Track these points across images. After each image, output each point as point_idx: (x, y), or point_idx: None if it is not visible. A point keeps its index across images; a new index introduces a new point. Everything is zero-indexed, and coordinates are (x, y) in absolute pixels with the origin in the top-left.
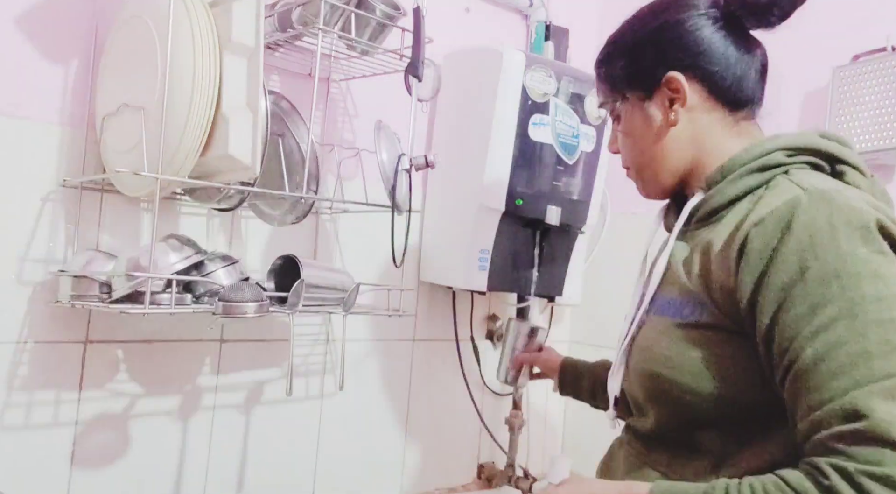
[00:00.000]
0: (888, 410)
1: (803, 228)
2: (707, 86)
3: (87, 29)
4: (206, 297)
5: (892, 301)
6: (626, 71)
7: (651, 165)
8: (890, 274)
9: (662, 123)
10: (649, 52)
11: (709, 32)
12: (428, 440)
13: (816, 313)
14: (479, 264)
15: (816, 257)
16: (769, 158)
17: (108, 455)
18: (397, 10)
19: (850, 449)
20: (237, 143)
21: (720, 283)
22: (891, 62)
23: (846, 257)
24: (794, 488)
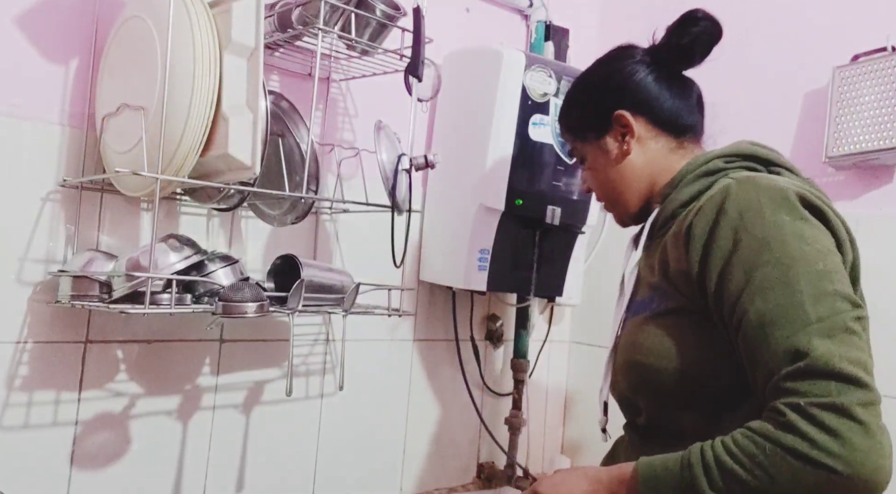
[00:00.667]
0: (826, 346)
1: (734, 207)
2: (650, 118)
3: (87, 29)
4: (206, 297)
5: (815, 256)
6: (582, 117)
7: (617, 193)
8: (811, 235)
9: (619, 154)
10: (599, 97)
11: (643, 75)
12: (428, 440)
13: (752, 277)
14: (479, 264)
15: (747, 230)
16: (710, 165)
17: (108, 455)
18: (397, 10)
19: (798, 386)
20: (237, 143)
21: (676, 268)
22: (891, 62)
23: (772, 225)
24: (757, 431)
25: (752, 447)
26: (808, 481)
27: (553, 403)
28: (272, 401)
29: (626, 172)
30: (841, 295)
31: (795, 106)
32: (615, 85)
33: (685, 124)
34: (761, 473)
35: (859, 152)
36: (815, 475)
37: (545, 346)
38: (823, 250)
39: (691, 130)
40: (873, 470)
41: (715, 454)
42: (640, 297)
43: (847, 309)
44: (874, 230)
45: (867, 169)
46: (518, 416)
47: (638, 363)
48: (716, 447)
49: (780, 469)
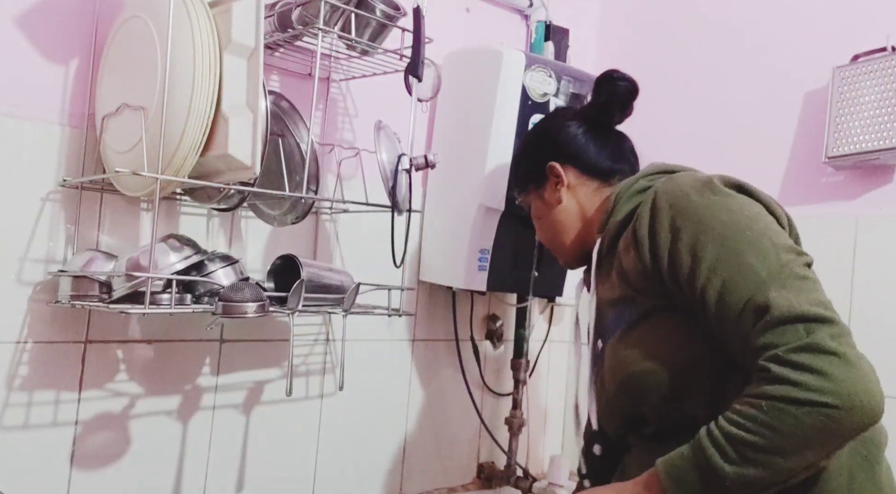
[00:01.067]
0: (783, 295)
1: (664, 202)
2: (578, 166)
3: (87, 29)
4: (206, 297)
5: (747, 221)
6: (524, 171)
7: (556, 237)
8: (738, 205)
9: (553, 201)
10: (535, 151)
11: (573, 130)
12: (428, 440)
13: (698, 257)
14: (479, 264)
15: (680, 217)
16: (637, 185)
17: (108, 455)
18: (397, 10)
19: (771, 338)
20: (237, 143)
21: (633, 273)
22: (891, 62)
23: (700, 206)
24: (751, 394)
25: (750, 410)
26: (809, 422)
27: (553, 403)
28: (272, 401)
29: (561, 216)
30: (782, 247)
31: (795, 106)
32: (547, 141)
33: (613, 169)
34: (766, 430)
35: (859, 152)
36: (814, 414)
37: (545, 346)
38: (752, 215)
39: (619, 173)
40: (864, 395)
41: (720, 428)
42: (607, 320)
43: (792, 258)
44: (874, 230)
45: (867, 169)
46: (518, 416)
47: (632, 375)
48: (720, 422)
49: (781, 421)
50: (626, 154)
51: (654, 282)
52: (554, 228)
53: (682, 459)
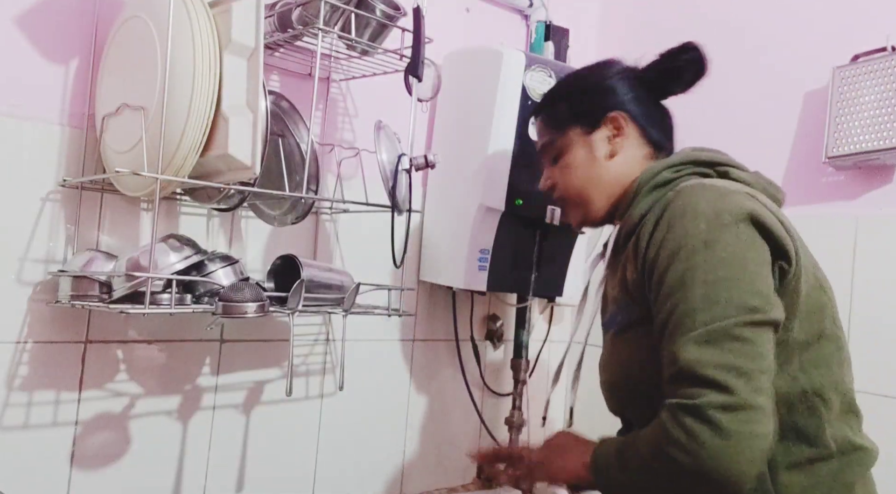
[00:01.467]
0: (696, 353)
1: (666, 218)
2: (639, 126)
3: (87, 29)
4: (206, 297)
5: (717, 263)
6: (572, 111)
7: (587, 193)
8: (724, 241)
9: (605, 154)
10: (596, 94)
11: (638, 86)
12: (428, 440)
13: (662, 284)
14: (479, 264)
15: (665, 240)
16: (659, 177)
17: (108, 455)
18: (397, 10)
19: (673, 389)
20: (237, 143)
21: (631, 280)
22: (891, 62)
23: (683, 236)
24: (645, 431)
25: (640, 442)
26: (657, 469)
27: (553, 403)
28: (272, 401)
29: (605, 172)
30: (733, 303)
31: (795, 106)
32: (614, 86)
33: (663, 142)
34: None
35: (859, 152)
36: (665, 465)
37: (545, 346)
38: (729, 257)
39: (665, 149)
40: (723, 469)
41: (621, 446)
42: (608, 314)
43: (732, 315)
44: (874, 230)
45: (867, 169)
46: (518, 416)
47: (615, 381)
48: (627, 440)
49: (636, 460)
50: (671, 131)
51: (644, 292)
52: (591, 182)
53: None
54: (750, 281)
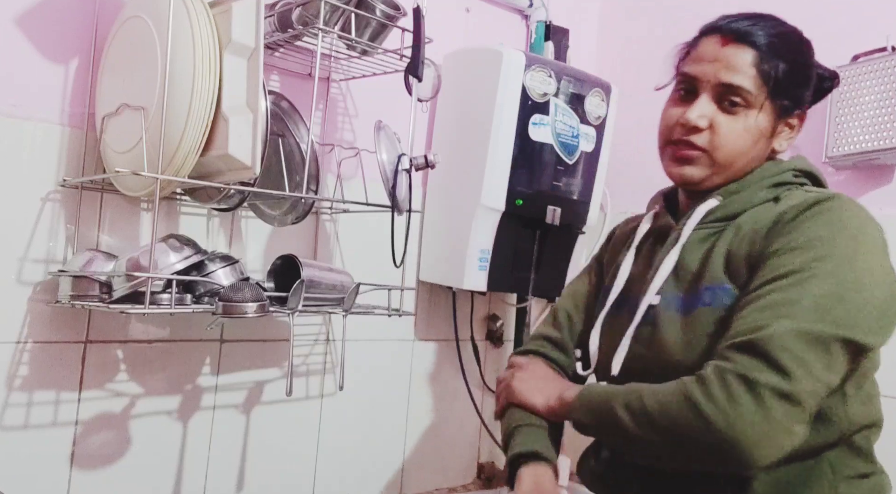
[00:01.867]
0: (784, 337)
1: (817, 220)
2: (801, 129)
3: (87, 29)
4: (206, 297)
5: (853, 279)
6: (786, 80)
7: (736, 162)
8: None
9: (770, 140)
10: (808, 80)
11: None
12: (428, 440)
13: (791, 254)
14: (479, 264)
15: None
16: (782, 176)
17: (108, 455)
18: (397, 10)
19: (735, 355)
20: (237, 143)
21: (740, 261)
22: (891, 62)
23: (835, 238)
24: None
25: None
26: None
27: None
28: (272, 401)
29: (760, 155)
30: (848, 322)
31: None
32: (813, 79)
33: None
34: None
35: (859, 152)
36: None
37: None
38: (869, 283)
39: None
40: (747, 444)
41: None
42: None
43: (839, 332)
44: None
45: (867, 169)
46: None
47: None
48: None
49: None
50: None
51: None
52: (744, 153)
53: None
54: (872, 308)
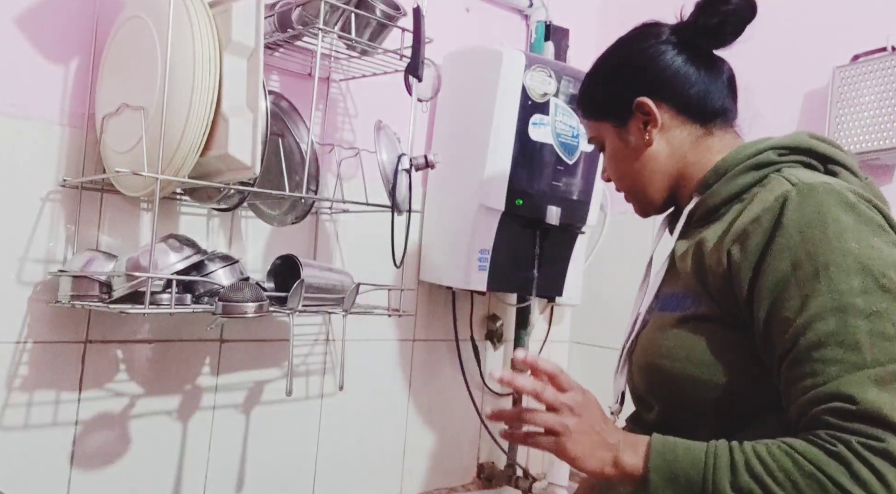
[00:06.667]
0: (879, 396)
1: (794, 223)
2: (674, 105)
3: (87, 29)
4: (206, 297)
5: (877, 295)
6: (601, 101)
7: (639, 184)
8: (880, 261)
9: (640, 144)
10: (620, 81)
11: (669, 57)
12: (428, 440)
13: (808, 305)
14: (479, 264)
15: (807, 252)
16: (761, 157)
17: (108, 455)
18: (397, 10)
19: (846, 425)
20: (237, 143)
21: (715, 276)
22: (891, 62)
23: (836, 251)
24: (799, 450)
25: (789, 463)
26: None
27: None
28: (272, 401)
29: (649, 163)
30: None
31: (795, 106)
32: (638, 68)
33: (714, 109)
34: (792, 490)
35: (859, 152)
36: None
37: (545, 346)
38: (888, 285)
39: (721, 115)
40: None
41: (745, 455)
42: (669, 290)
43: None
44: None
45: (867, 169)
46: None
47: (660, 367)
48: (745, 449)
49: (813, 492)
50: (728, 90)
51: (727, 290)
52: (637, 174)
53: (686, 452)
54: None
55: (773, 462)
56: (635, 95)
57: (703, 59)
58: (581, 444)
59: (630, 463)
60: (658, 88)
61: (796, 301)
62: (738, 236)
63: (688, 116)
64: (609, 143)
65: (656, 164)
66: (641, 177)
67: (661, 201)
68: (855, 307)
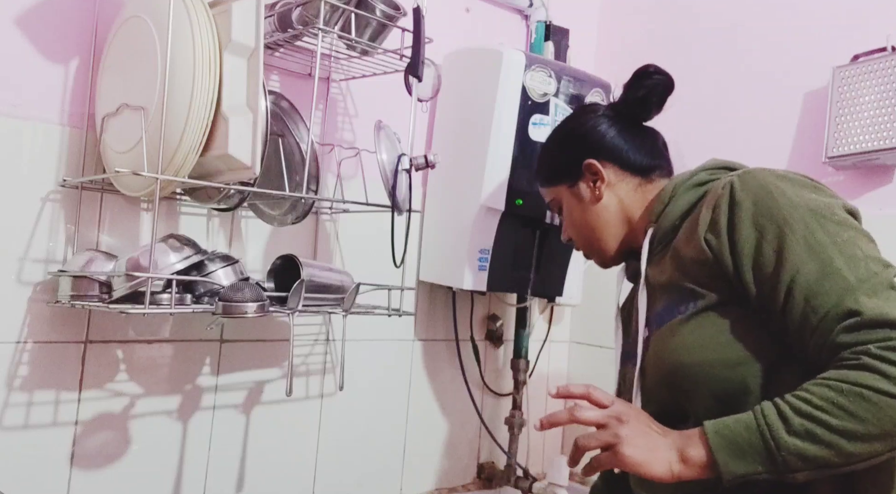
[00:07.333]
0: (875, 302)
1: (745, 198)
2: (616, 163)
3: (87, 29)
4: (206, 297)
5: (836, 228)
6: (555, 168)
7: (594, 236)
8: (824, 205)
9: (592, 199)
10: (569, 149)
11: (606, 126)
12: (428, 440)
13: (784, 258)
14: (479, 264)
15: (765, 215)
16: (697, 177)
17: (108, 455)
18: (397, 10)
19: (860, 337)
20: (237, 143)
21: (703, 266)
22: (891, 62)
23: (787, 206)
24: (830, 377)
25: (827, 391)
26: (890, 414)
27: (553, 403)
28: (272, 401)
29: (601, 214)
30: (872, 258)
31: (795, 106)
32: (582, 137)
33: (650, 165)
34: (841, 411)
35: (859, 152)
36: (884, 405)
37: (545, 346)
38: (841, 220)
39: (658, 168)
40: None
41: (789, 404)
42: (660, 306)
43: (881, 270)
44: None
45: (867, 169)
46: (518, 416)
47: (681, 366)
48: (787, 398)
49: (860, 406)
50: (661, 150)
51: (717, 275)
52: (592, 226)
53: (736, 422)
54: (868, 239)
55: (813, 397)
56: (583, 158)
57: (637, 129)
58: (639, 448)
59: (695, 454)
60: (600, 151)
61: (773, 258)
62: (707, 225)
63: (629, 171)
64: (565, 202)
65: (608, 214)
66: (596, 228)
67: (616, 247)
68: (822, 243)
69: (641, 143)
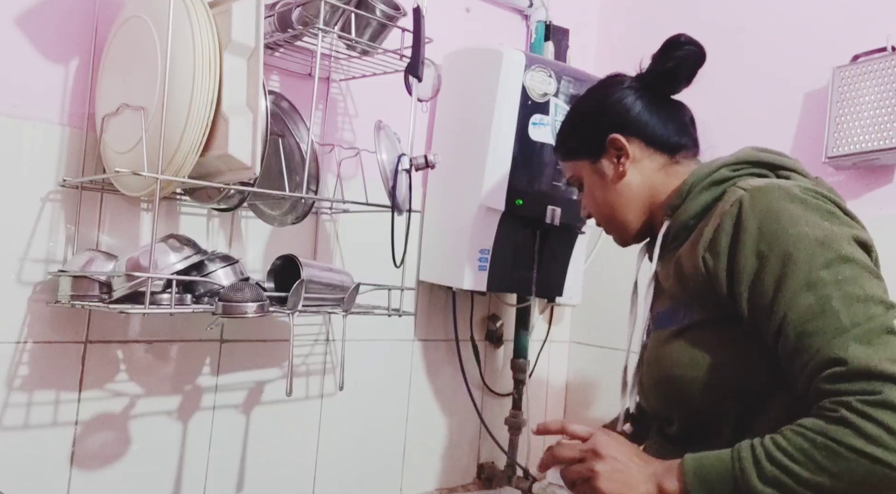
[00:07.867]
0: (864, 351)
1: (751, 221)
2: (642, 139)
3: (87, 29)
4: (206, 297)
5: (839, 265)
6: (577, 142)
7: (616, 214)
8: (833, 237)
9: (615, 176)
10: (592, 122)
11: (632, 100)
12: (428, 440)
13: (782, 290)
14: (479, 264)
15: (768, 243)
16: (717, 174)
17: (107, 455)
18: (397, 10)
19: (843, 387)
20: (237, 143)
21: (697, 283)
22: (891, 62)
23: (792, 237)
24: (807, 426)
25: (801, 441)
26: (861, 474)
27: (553, 403)
28: (272, 401)
29: (624, 192)
30: (873, 299)
31: (795, 106)
32: (607, 110)
33: (678, 143)
34: (813, 466)
35: (859, 152)
36: (869, 468)
37: (545, 346)
38: (847, 255)
39: (684, 147)
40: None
41: (764, 448)
42: (661, 307)
43: (881, 313)
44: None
45: (867, 169)
46: (518, 416)
47: (669, 377)
48: (765, 442)
49: (833, 462)
50: (688, 126)
51: (709, 294)
52: (614, 204)
53: (713, 461)
54: (872, 275)
55: (789, 445)
56: (607, 132)
57: (664, 102)
58: (616, 482)
59: (671, 488)
60: (626, 125)
61: (771, 289)
62: (708, 243)
63: (655, 148)
64: (587, 179)
65: (630, 192)
66: (618, 206)
67: (638, 227)
68: (823, 280)
69: (669, 117)
